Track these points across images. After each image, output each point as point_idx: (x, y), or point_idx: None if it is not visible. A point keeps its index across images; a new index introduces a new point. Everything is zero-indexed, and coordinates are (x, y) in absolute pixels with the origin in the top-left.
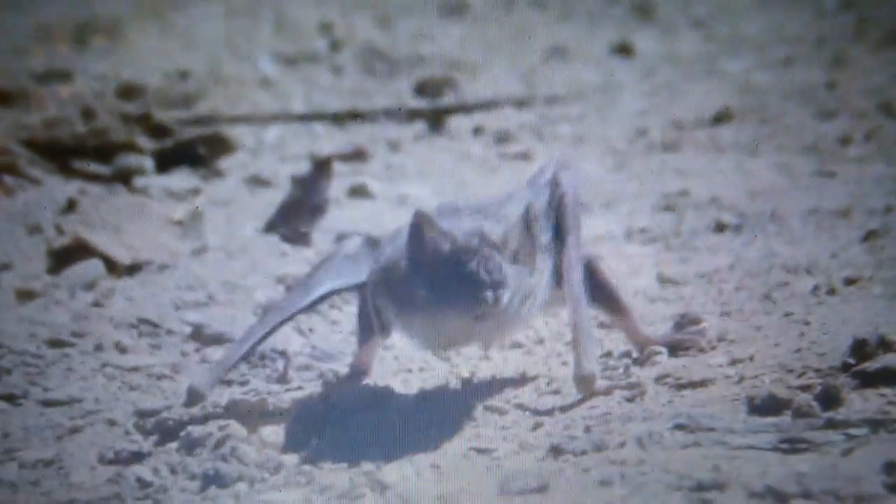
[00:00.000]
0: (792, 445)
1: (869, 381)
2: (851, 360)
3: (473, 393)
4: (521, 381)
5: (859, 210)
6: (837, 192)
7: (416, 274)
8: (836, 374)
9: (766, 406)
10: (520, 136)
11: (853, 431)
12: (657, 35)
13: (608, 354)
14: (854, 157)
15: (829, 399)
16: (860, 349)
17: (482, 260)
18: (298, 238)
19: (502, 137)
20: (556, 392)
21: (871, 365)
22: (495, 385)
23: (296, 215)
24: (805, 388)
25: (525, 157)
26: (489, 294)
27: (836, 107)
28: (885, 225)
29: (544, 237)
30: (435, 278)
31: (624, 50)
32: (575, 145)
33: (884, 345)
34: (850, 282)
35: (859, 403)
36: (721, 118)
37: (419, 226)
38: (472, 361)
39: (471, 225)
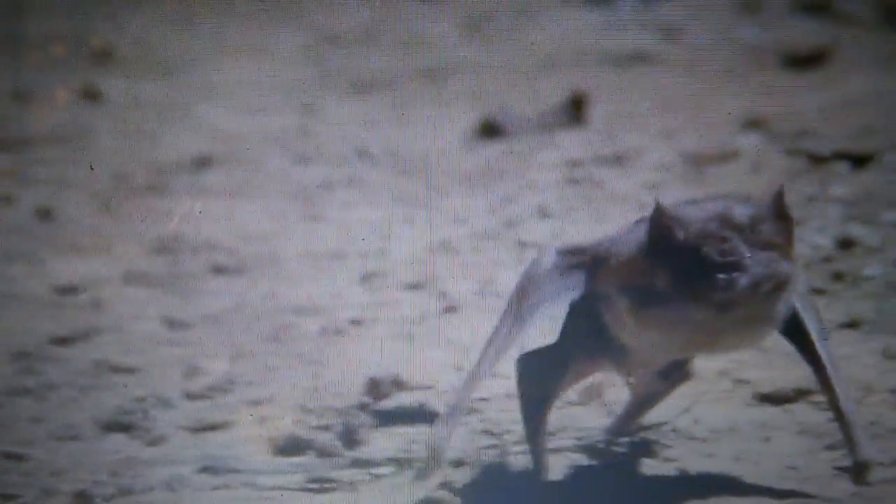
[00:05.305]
0: (320, 485)
1: (387, 419)
2: (367, 400)
3: None
4: None
5: (353, 253)
6: (329, 235)
7: (655, 267)
8: (354, 414)
9: (289, 446)
10: None
11: (379, 470)
12: (123, 81)
13: None
14: (340, 202)
15: (351, 438)
16: (375, 388)
17: (717, 243)
18: None
19: None
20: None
21: (387, 404)
22: None
23: None
24: (326, 428)
25: (7, 200)
26: (721, 277)
27: (315, 153)
28: (380, 267)
29: None
30: (671, 266)
31: (90, 95)
32: (58, 189)
33: (396, 384)
34: (354, 322)
35: (381, 442)
36: (203, 163)
37: (658, 216)
38: None
39: (714, 210)
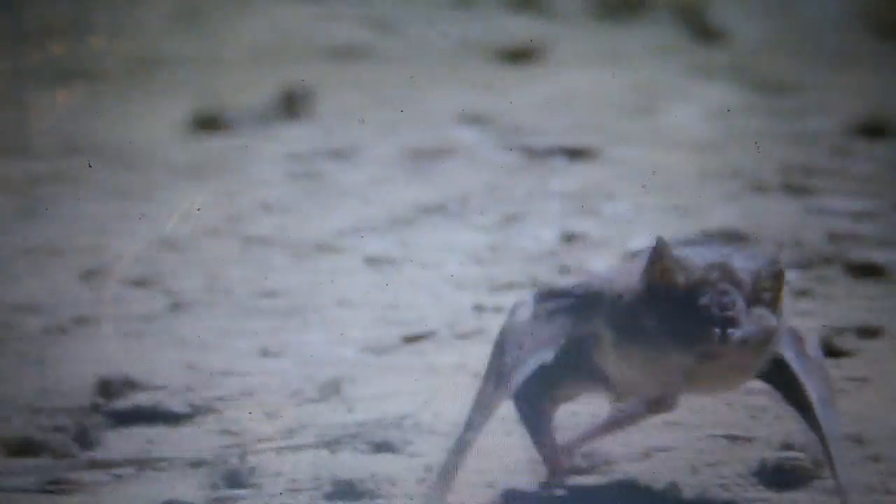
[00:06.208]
0: (58, 486)
1: (122, 420)
2: (100, 400)
3: None
4: None
5: (70, 249)
6: (43, 231)
7: (648, 304)
8: (88, 414)
9: (22, 448)
10: None
11: (118, 471)
12: None
13: None
14: (53, 196)
15: (86, 439)
16: (106, 389)
17: (717, 294)
18: None
19: None
20: None
21: (120, 404)
22: None
23: None
24: (59, 429)
25: None
26: (716, 331)
27: (22, 146)
28: (101, 263)
29: None
30: (666, 310)
31: None
32: None
33: (129, 384)
34: (79, 320)
35: (118, 443)
36: None
37: (658, 255)
38: None
39: (713, 257)
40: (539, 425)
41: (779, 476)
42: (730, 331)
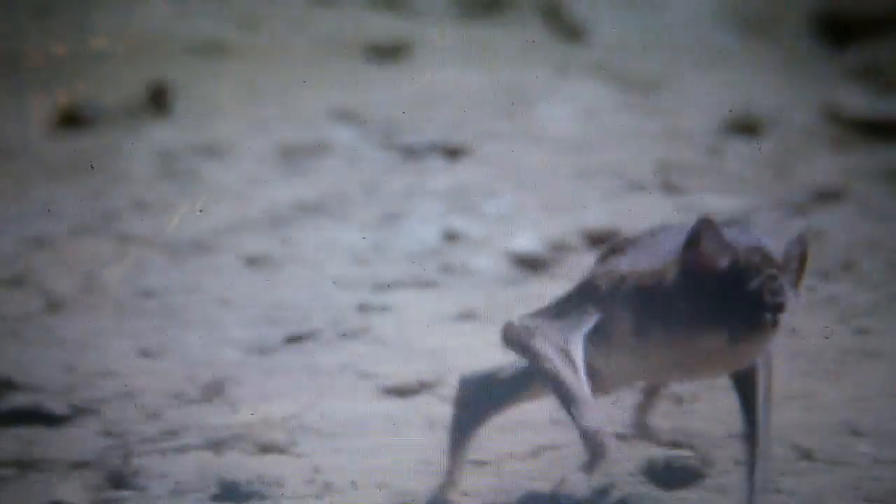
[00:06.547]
0: None
1: (1, 421)
2: None
3: None
4: None
5: None
6: None
7: (684, 285)
8: None
9: None
10: None
11: (1, 472)
12: None
13: None
14: None
15: None
16: None
17: (766, 279)
18: None
19: None
20: None
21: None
22: None
23: None
24: None
25: None
26: (769, 317)
27: None
28: None
29: None
30: (709, 293)
31: None
32: None
33: (7, 385)
34: None
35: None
36: None
37: (700, 233)
38: None
39: (749, 240)
40: (472, 425)
41: (667, 474)
42: (779, 316)
